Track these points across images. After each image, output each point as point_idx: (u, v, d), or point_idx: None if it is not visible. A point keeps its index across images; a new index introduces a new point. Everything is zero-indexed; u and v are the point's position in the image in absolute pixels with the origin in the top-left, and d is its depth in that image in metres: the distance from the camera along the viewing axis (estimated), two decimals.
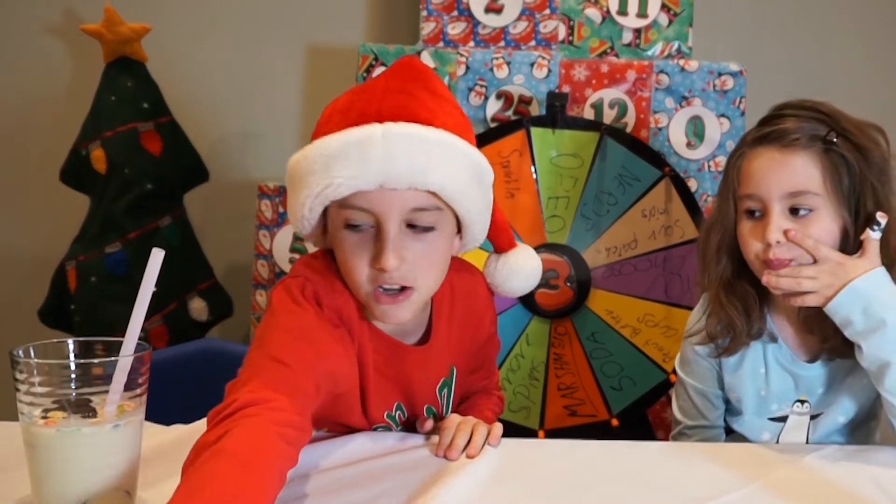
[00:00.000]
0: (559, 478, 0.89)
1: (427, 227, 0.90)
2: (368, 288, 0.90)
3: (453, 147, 0.90)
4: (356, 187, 0.86)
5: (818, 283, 0.99)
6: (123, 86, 1.76)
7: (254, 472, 0.69)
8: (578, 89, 1.66)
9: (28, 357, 0.71)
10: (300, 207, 0.90)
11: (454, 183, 0.89)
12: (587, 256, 1.60)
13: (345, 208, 0.89)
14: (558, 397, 1.60)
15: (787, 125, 1.03)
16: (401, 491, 0.84)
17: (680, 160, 1.65)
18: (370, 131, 0.86)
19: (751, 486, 0.87)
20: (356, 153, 0.86)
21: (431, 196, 0.89)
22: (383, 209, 0.88)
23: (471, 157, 0.93)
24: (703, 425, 1.16)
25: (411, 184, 0.87)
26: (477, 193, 0.94)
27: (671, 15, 1.69)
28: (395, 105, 0.88)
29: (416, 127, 0.87)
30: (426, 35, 1.70)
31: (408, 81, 0.91)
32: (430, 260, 0.92)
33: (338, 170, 0.86)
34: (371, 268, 0.89)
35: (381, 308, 0.91)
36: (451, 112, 0.93)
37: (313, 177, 0.88)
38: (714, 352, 1.11)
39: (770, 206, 1.02)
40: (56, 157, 1.81)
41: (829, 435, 1.09)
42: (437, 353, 1.03)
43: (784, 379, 1.09)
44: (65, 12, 1.96)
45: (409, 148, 0.86)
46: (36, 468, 0.71)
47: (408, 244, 0.89)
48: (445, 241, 0.94)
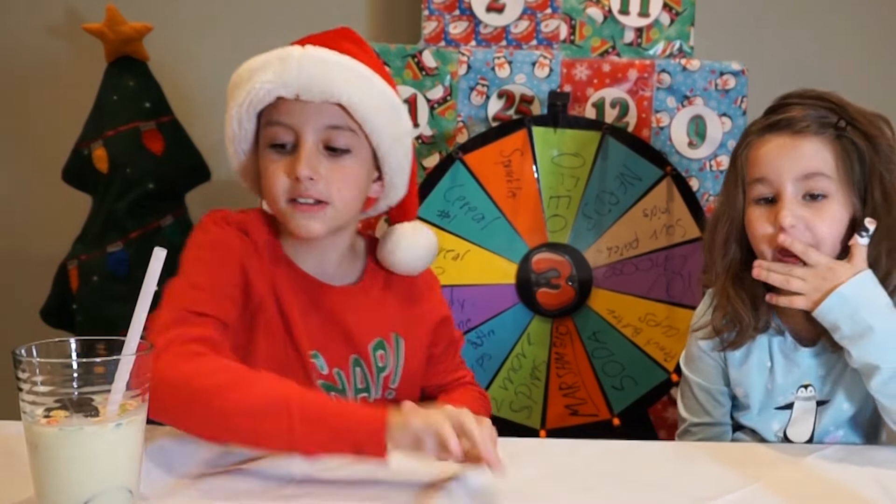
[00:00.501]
0: (560, 477, 0.89)
1: (343, 149, 0.99)
2: (285, 198, 0.98)
3: (367, 75, 1.00)
4: (275, 93, 0.96)
5: (807, 286, 0.99)
6: (125, 85, 1.76)
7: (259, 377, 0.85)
8: (580, 89, 1.66)
9: (30, 356, 0.71)
10: (231, 123, 1.00)
11: (365, 103, 0.98)
12: (588, 256, 1.60)
13: (269, 126, 0.99)
14: (560, 397, 1.60)
15: (794, 113, 1.03)
16: (401, 491, 0.84)
17: (681, 159, 1.65)
18: (290, 50, 0.98)
19: (752, 485, 0.87)
20: (276, 65, 0.96)
21: (345, 116, 0.98)
22: (301, 122, 0.97)
23: (386, 91, 1.01)
24: (708, 423, 1.16)
25: (323, 95, 0.96)
26: (390, 121, 1.01)
27: (673, 14, 1.69)
28: (316, 42, 0.99)
29: (332, 53, 0.98)
30: (427, 34, 1.70)
31: (333, 37, 1.03)
32: (344, 180, 0.99)
33: (259, 77, 0.96)
34: (288, 178, 0.98)
35: (296, 218, 0.98)
36: (370, 59, 1.03)
37: (239, 89, 0.98)
38: (719, 346, 1.11)
39: (783, 189, 1.02)
40: (58, 157, 1.81)
41: (836, 425, 1.08)
42: (370, 303, 1.07)
43: (788, 368, 1.09)
44: (67, 11, 1.96)
45: (325, 66, 0.97)
46: (38, 467, 0.71)
47: (323, 161, 0.98)
48: (361, 168, 1.01)
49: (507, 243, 1.59)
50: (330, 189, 0.98)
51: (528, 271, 1.59)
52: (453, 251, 1.59)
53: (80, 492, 0.70)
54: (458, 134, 1.67)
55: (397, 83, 1.66)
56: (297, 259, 1.04)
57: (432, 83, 1.67)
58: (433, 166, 1.62)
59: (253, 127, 1.01)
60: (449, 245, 1.59)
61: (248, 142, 1.02)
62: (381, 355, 1.07)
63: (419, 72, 1.67)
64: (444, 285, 1.58)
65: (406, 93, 1.67)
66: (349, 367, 1.04)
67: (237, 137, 1.01)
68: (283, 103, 0.97)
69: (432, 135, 1.68)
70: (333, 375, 1.04)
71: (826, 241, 1.02)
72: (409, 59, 1.67)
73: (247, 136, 1.01)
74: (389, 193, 1.08)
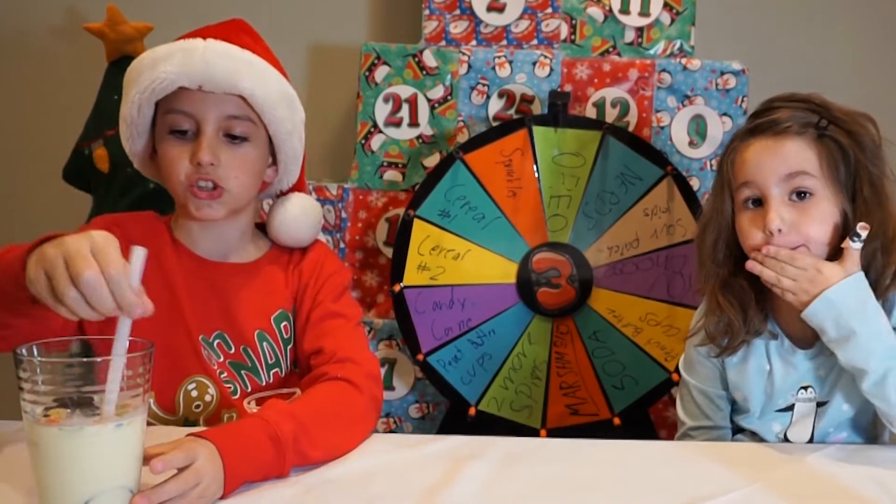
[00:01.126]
0: (561, 477, 0.89)
1: (241, 136, 1.06)
2: (186, 183, 1.04)
3: (267, 70, 1.07)
4: (178, 83, 1.02)
5: (797, 287, 1.00)
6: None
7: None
8: (580, 88, 1.66)
9: (31, 356, 0.72)
10: (130, 107, 1.05)
11: (264, 95, 1.05)
12: (589, 255, 1.60)
13: (169, 113, 1.04)
14: (560, 396, 1.60)
15: (777, 115, 1.04)
16: (401, 491, 0.84)
17: (682, 159, 1.65)
18: (194, 42, 1.04)
19: (752, 485, 0.87)
20: (180, 56, 1.02)
21: (245, 106, 1.05)
22: (202, 111, 1.03)
23: (282, 84, 1.09)
24: (707, 426, 1.16)
25: (227, 87, 1.03)
26: (287, 114, 1.09)
27: (673, 14, 1.69)
28: (216, 35, 1.06)
29: (235, 48, 1.05)
30: (428, 34, 1.70)
31: (231, 29, 1.10)
32: (242, 167, 1.06)
33: (163, 67, 1.02)
34: (190, 164, 1.03)
35: (195, 202, 1.04)
36: (267, 53, 1.11)
37: (142, 75, 1.04)
38: (714, 351, 1.11)
39: (768, 192, 1.02)
40: (58, 156, 1.81)
41: (836, 427, 1.08)
42: (269, 276, 1.11)
43: (787, 373, 1.09)
44: (67, 11, 1.96)
45: (226, 59, 1.03)
46: (39, 467, 0.71)
47: (223, 148, 1.04)
48: (258, 155, 1.09)
49: (508, 243, 1.59)
50: (228, 174, 1.04)
51: (528, 271, 1.59)
52: (453, 251, 1.59)
53: (80, 491, 0.70)
54: (458, 133, 1.67)
55: (398, 82, 1.67)
56: (192, 243, 1.10)
57: (433, 83, 1.67)
58: (434, 166, 1.62)
59: (150, 113, 1.07)
60: (449, 245, 1.59)
61: (144, 126, 1.08)
62: (286, 326, 1.11)
63: (420, 71, 1.66)
64: (444, 285, 1.59)
65: (406, 92, 1.67)
66: (255, 343, 1.08)
67: (135, 122, 1.07)
68: (185, 93, 1.03)
69: (433, 134, 1.68)
70: (241, 353, 1.08)
71: (815, 240, 1.02)
72: (409, 58, 1.67)
73: (144, 121, 1.07)
74: (283, 178, 1.16)
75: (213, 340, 1.07)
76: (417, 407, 1.69)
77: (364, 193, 1.70)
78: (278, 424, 0.87)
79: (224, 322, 1.08)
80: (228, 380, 1.07)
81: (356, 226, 1.70)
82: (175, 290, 1.06)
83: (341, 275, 1.16)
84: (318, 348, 1.07)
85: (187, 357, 1.05)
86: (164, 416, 1.06)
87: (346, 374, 1.01)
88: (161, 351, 1.01)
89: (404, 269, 1.58)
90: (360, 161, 1.70)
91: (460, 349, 1.59)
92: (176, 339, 1.05)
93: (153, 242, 1.04)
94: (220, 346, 1.07)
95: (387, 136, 1.69)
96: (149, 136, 1.10)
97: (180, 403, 1.05)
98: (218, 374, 1.06)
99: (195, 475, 0.77)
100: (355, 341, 1.09)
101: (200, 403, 1.06)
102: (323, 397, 0.98)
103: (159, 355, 1.01)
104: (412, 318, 1.58)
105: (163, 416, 1.06)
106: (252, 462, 0.83)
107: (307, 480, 0.87)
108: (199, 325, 1.06)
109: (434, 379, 1.59)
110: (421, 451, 0.95)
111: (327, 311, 1.10)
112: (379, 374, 1.07)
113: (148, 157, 1.12)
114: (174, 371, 1.05)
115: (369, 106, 1.68)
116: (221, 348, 1.07)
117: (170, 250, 1.09)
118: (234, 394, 1.07)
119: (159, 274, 1.06)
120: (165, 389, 1.05)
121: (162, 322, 1.01)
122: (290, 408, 0.91)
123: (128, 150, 1.12)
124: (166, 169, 1.06)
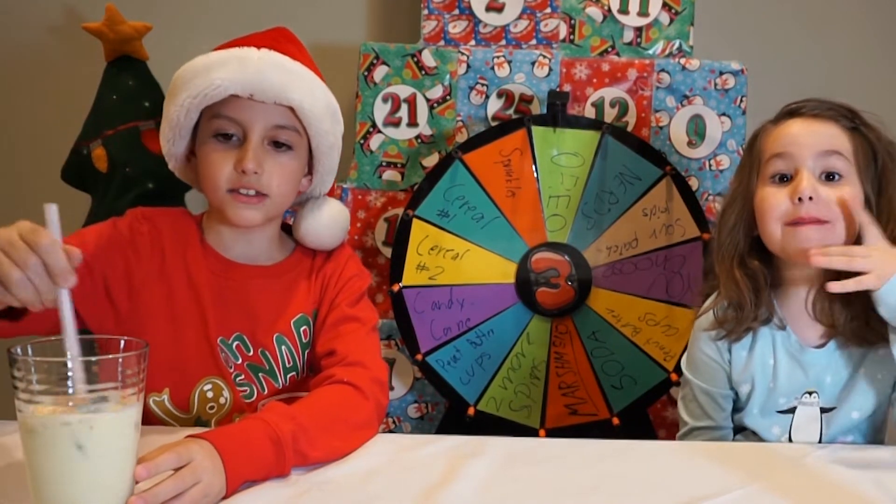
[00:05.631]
0: (560, 477, 0.89)
1: (286, 145, 1.06)
2: (227, 187, 1.04)
3: (315, 82, 1.08)
4: (232, 90, 1.02)
5: (871, 262, 0.96)
6: (125, 84, 1.76)
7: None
8: (579, 88, 1.66)
9: (26, 355, 0.71)
10: (177, 111, 1.05)
11: (312, 106, 1.06)
12: (588, 255, 1.59)
13: (216, 118, 1.05)
14: (559, 396, 1.60)
15: (815, 104, 1.09)
16: (401, 491, 0.84)
17: (681, 159, 1.65)
18: (248, 51, 1.04)
19: (752, 485, 0.87)
20: (235, 64, 1.03)
21: (292, 116, 1.06)
22: (251, 119, 1.04)
23: (328, 97, 1.10)
24: (709, 426, 1.16)
25: (277, 98, 1.03)
26: (330, 128, 1.10)
27: (672, 14, 1.69)
28: (268, 45, 1.06)
29: (287, 59, 1.06)
30: (427, 34, 1.70)
31: (279, 38, 1.10)
32: (284, 175, 1.07)
33: (218, 74, 1.02)
34: (234, 170, 1.03)
35: (236, 207, 1.04)
36: (311, 64, 1.11)
37: (194, 80, 1.03)
38: (720, 335, 1.11)
39: (802, 165, 1.05)
40: (57, 156, 1.81)
41: (843, 432, 1.08)
42: (289, 282, 1.11)
43: (793, 369, 1.08)
44: (66, 11, 1.95)
45: (279, 70, 1.04)
46: (34, 466, 0.71)
47: (267, 156, 1.05)
48: (298, 165, 1.10)
49: (507, 243, 1.59)
50: (271, 183, 1.05)
51: (527, 271, 1.59)
52: (453, 251, 1.59)
53: (76, 491, 0.70)
54: (457, 133, 1.67)
55: (397, 82, 1.67)
56: (221, 246, 1.10)
57: (432, 82, 1.66)
58: (433, 166, 1.62)
59: (196, 116, 1.07)
60: (448, 244, 1.58)
61: (188, 130, 1.08)
62: (305, 331, 1.10)
63: (418, 71, 1.66)
64: (443, 285, 1.59)
65: (405, 92, 1.67)
66: (274, 346, 1.08)
67: (180, 125, 1.07)
68: (235, 100, 1.04)
69: (432, 134, 1.68)
70: (259, 356, 1.07)
71: (840, 220, 1.02)
72: (408, 58, 1.66)
73: (189, 124, 1.07)
74: (317, 188, 1.17)
75: (232, 342, 1.07)
76: (416, 407, 1.69)
77: (363, 193, 1.70)
78: (277, 424, 0.87)
79: (244, 324, 1.07)
80: (245, 382, 1.07)
81: (355, 226, 1.69)
82: (198, 290, 1.06)
83: (361, 279, 1.17)
84: (331, 350, 1.07)
85: (205, 358, 1.05)
86: (177, 413, 1.06)
87: (353, 379, 1.00)
88: (179, 349, 1.03)
89: (403, 268, 1.58)
90: (359, 161, 1.70)
91: (459, 349, 1.59)
92: (196, 339, 1.05)
93: (181, 239, 1.07)
94: (239, 347, 1.07)
95: (386, 136, 1.69)
96: (190, 139, 1.10)
97: (195, 403, 1.05)
98: (235, 377, 1.06)
99: (193, 474, 0.77)
100: (367, 346, 1.09)
101: (214, 405, 1.06)
102: (324, 401, 0.97)
103: (177, 353, 1.02)
104: (411, 317, 1.58)
105: (176, 413, 1.06)
106: (251, 460, 0.83)
107: (307, 480, 0.87)
108: (219, 326, 1.06)
109: (433, 379, 1.59)
110: (420, 451, 0.95)
111: (343, 315, 1.11)
112: (386, 380, 1.08)
113: (185, 157, 1.13)
114: (192, 370, 1.05)
115: (368, 106, 1.68)
116: (240, 350, 1.07)
117: (197, 250, 1.09)
118: (250, 396, 1.07)
119: (184, 273, 1.06)
120: (181, 387, 1.05)
121: (183, 321, 1.02)
122: (290, 410, 0.91)
123: (166, 152, 1.12)
124: (206, 171, 1.06)
